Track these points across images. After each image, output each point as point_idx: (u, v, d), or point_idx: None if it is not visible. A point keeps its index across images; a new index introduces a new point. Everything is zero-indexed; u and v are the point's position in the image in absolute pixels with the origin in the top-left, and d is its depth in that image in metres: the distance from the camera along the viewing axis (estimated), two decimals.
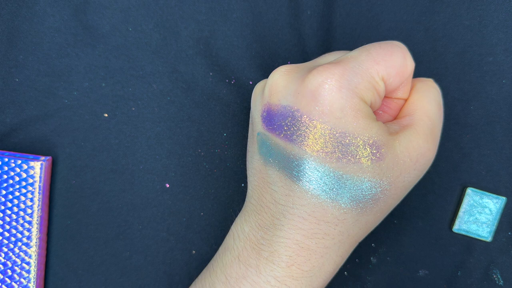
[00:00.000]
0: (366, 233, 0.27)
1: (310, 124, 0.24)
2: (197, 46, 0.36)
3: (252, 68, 0.36)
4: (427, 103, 0.27)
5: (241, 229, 0.28)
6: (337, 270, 0.27)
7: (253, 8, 0.36)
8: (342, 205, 0.25)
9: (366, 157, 0.24)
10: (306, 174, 0.25)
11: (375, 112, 0.28)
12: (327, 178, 0.24)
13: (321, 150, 0.24)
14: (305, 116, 0.24)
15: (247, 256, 0.26)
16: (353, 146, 0.24)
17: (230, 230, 0.29)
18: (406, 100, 0.28)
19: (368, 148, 0.24)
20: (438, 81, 0.35)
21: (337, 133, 0.24)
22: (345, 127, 0.24)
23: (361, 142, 0.24)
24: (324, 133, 0.24)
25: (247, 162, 0.30)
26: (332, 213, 0.25)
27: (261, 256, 0.26)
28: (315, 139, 0.24)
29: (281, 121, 0.25)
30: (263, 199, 0.27)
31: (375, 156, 0.24)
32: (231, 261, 0.27)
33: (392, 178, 0.25)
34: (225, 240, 0.30)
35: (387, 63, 0.25)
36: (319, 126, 0.24)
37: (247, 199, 0.29)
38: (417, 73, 0.35)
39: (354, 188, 0.25)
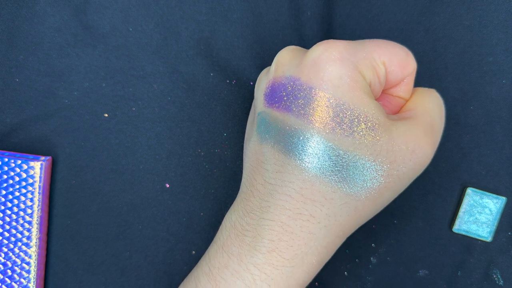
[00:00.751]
0: (356, 225, 0.26)
1: (309, 92, 0.25)
2: (197, 47, 0.36)
3: (253, 68, 0.36)
4: (428, 103, 0.27)
5: (228, 218, 0.28)
6: (321, 265, 0.26)
7: (254, 8, 0.36)
8: (332, 181, 0.24)
9: (360, 132, 0.24)
10: (299, 146, 0.24)
11: None
12: (319, 150, 0.24)
13: (317, 120, 0.24)
14: (304, 85, 0.25)
15: (230, 244, 0.26)
16: (348, 118, 0.24)
17: (223, 222, 0.29)
18: (407, 100, 0.28)
19: (362, 123, 0.24)
20: (438, 81, 0.35)
21: (334, 102, 0.24)
22: (342, 97, 0.24)
23: (356, 114, 0.24)
24: (321, 101, 0.24)
25: (244, 151, 0.30)
26: (319, 190, 0.24)
27: (244, 243, 0.25)
28: (313, 107, 0.24)
29: (282, 92, 0.26)
30: (253, 182, 0.26)
31: (369, 133, 0.24)
32: (215, 252, 0.27)
33: (386, 162, 0.24)
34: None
35: (389, 50, 0.26)
36: (318, 93, 0.24)
37: (239, 190, 0.29)
38: (417, 73, 0.35)
39: (345, 164, 0.24)
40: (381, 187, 0.25)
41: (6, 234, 0.35)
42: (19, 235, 0.35)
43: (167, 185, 0.36)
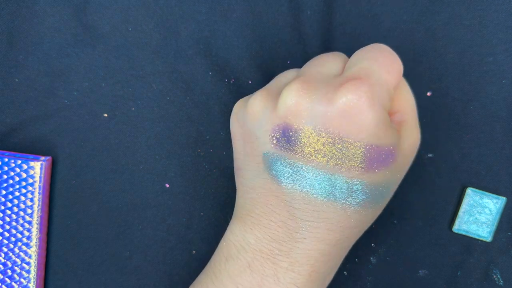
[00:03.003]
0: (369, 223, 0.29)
1: (345, 144, 0.24)
2: (197, 46, 0.36)
3: (252, 68, 0.36)
4: (406, 93, 0.28)
5: (244, 240, 0.28)
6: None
7: (253, 8, 0.36)
8: (367, 209, 0.26)
9: (388, 163, 0.25)
10: (338, 191, 0.25)
11: None
12: (360, 191, 0.25)
13: (355, 167, 0.25)
14: (340, 138, 0.24)
15: (260, 266, 0.27)
16: (383, 157, 0.25)
17: (226, 239, 0.29)
18: None
19: (390, 155, 0.25)
20: (438, 81, 0.35)
21: (371, 148, 0.25)
22: (378, 141, 0.25)
23: (388, 151, 0.25)
24: (358, 150, 0.24)
25: (240, 181, 0.30)
26: (355, 218, 0.26)
27: (279, 266, 0.26)
28: (350, 157, 0.25)
29: (306, 143, 0.25)
30: (274, 215, 0.27)
31: (393, 159, 0.26)
32: (241, 271, 0.27)
33: (400, 174, 0.27)
34: (221, 248, 0.29)
35: (395, 71, 0.26)
36: (355, 144, 0.24)
37: (243, 210, 0.29)
38: (417, 74, 0.35)
39: (377, 193, 0.26)
40: (393, 190, 0.28)
41: (6, 234, 0.35)
42: (19, 235, 0.35)
43: (167, 185, 0.36)
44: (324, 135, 0.25)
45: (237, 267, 0.27)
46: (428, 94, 0.35)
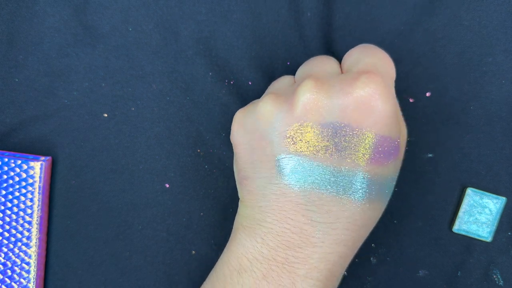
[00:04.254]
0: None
1: (361, 136, 0.25)
2: (196, 47, 0.36)
3: (252, 68, 0.36)
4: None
5: (257, 252, 0.27)
6: None
7: (253, 9, 0.36)
8: (378, 204, 0.27)
9: (396, 156, 0.26)
10: (354, 186, 0.26)
11: None
12: (373, 185, 0.26)
13: (369, 159, 0.25)
14: (357, 129, 0.25)
15: (276, 276, 0.26)
16: (391, 150, 0.26)
17: (233, 251, 0.28)
18: None
19: (397, 148, 0.26)
20: (438, 81, 0.35)
21: (383, 139, 0.25)
22: (390, 133, 0.25)
23: (395, 143, 0.26)
24: (373, 141, 0.25)
25: (248, 190, 0.29)
26: (368, 214, 0.27)
27: (296, 274, 0.26)
28: (365, 149, 0.25)
29: (325, 139, 0.26)
30: (288, 221, 0.26)
31: (398, 152, 0.26)
32: (256, 283, 0.26)
33: (399, 162, 0.28)
34: (228, 261, 0.28)
35: (393, 67, 0.27)
36: (370, 135, 0.25)
37: (251, 221, 0.28)
38: (417, 74, 0.35)
39: (384, 187, 0.27)
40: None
41: (6, 234, 0.35)
42: (19, 235, 0.35)
43: (167, 185, 0.36)
44: (345, 128, 0.25)
45: (252, 280, 0.26)
46: (428, 94, 0.35)
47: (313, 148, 0.26)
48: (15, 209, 0.35)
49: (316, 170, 0.26)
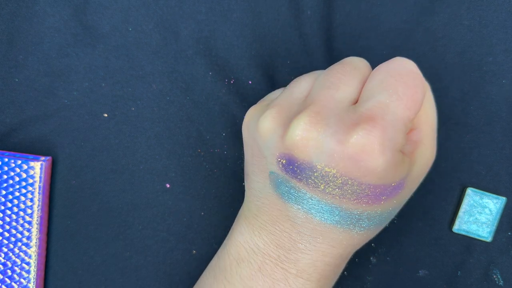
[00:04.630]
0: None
1: (350, 183, 0.24)
2: (196, 46, 0.36)
3: (252, 68, 0.36)
4: (428, 109, 0.27)
5: (253, 243, 0.28)
6: None
7: (253, 8, 0.36)
8: (369, 230, 0.27)
9: (395, 194, 0.25)
10: (338, 218, 0.25)
11: None
12: (365, 220, 0.26)
13: (358, 200, 0.25)
14: (345, 177, 0.24)
15: (270, 270, 0.27)
16: (386, 191, 0.25)
17: (233, 239, 0.29)
18: None
19: (397, 188, 0.25)
20: (438, 81, 0.35)
21: (376, 186, 0.24)
22: (385, 181, 0.24)
23: (396, 185, 0.25)
24: (363, 187, 0.24)
25: (251, 187, 0.29)
26: (359, 238, 0.27)
27: (289, 273, 0.27)
28: (353, 193, 0.24)
29: (310, 176, 0.25)
30: (278, 225, 0.27)
31: (400, 189, 0.25)
32: (252, 275, 0.27)
33: (408, 194, 0.27)
34: (229, 249, 0.29)
35: (416, 105, 0.24)
36: (361, 185, 0.24)
37: (250, 212, 0.29)
38: None
39: (382, 219, 0.26)
40: (399, 206, 0.28)
41: (6, 234, 0.35)
42: (19, 235, 0.35)
43: (168, 185, 0.36)
44: (330, 172, 0.24)
45: (249, 271, 0.27)
46: None
47: (300, 180, 0.25)
48: (15, 209, 0.35)
49: (303, 195, 0.25)
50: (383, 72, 0.25)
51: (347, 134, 0.23)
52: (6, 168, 0.34)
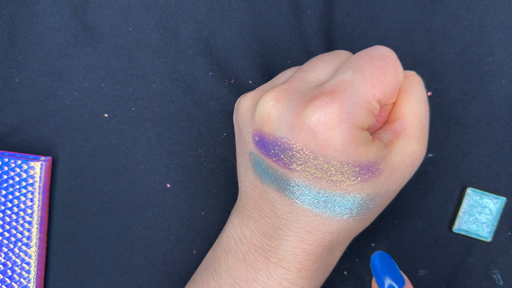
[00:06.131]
0: (364, 228, 0.29)
1: (311, 156, 0.24)
2: (197, 46, 0.36)
3: (252, 67, 0.36)
4: (415, 102, 0.27)
5: (242, 233, 0.28)
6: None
7: (253, 8, 0.36)
8: (345, 218, 0.26)
9: (366, 178, 0.25)
10: (308, 198, 0.25)
11: None
12: (330, 201, 0.25)
13: (322, 177, 0.24)
14: (304, 149, 0.24)
15: (253, 260, 0.27)
16: (353, 172, 0.24)
17: (226, 231, 0.30)
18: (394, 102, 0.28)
19: (367, 171, 0.25)
20: (438, 81, 0.35)
21: (338, 163, 0.24)
22: (346, 158, 0.24)
23: (363, 166, 0.24)
24: (325, 164, 0.24)
25: (238, 172, 0.30)
26: (336, 226, 0.26)
27: (270, 261, 0.27)
28: (316, 169, 0.24)
29: (277, 151, 0.25)
30: (262, 210, 0.27)
31: (373, 174, 0.25)
32: (237, 264, 0.28)
33: (389, 186, 0.26)
34: (221, 240, 0.30)
35: (382, 84, 0.25)
36: (320, 158, 0.24)
37: (241, 202, 0.30)
38: (417, 73, 0.35)
39: (356, 204, 0.25)
40: (384, 201, 0.27)
41: (6, 234, 0.35)
42: (19, 235, 0.35)
43: (168, 185, 0.36)
44: (292, 145, 0.24)
45: (235, 260, 0.28)
46: (428, 94, 0.35)
47: (270, 157, 0.26)
48: (15, 209, 0.35)
49: (275, 174, 0.26)
50: (356, 56, 0.26)
51: (305, 106, 0.24)
52: (6, 168, 0.34)
